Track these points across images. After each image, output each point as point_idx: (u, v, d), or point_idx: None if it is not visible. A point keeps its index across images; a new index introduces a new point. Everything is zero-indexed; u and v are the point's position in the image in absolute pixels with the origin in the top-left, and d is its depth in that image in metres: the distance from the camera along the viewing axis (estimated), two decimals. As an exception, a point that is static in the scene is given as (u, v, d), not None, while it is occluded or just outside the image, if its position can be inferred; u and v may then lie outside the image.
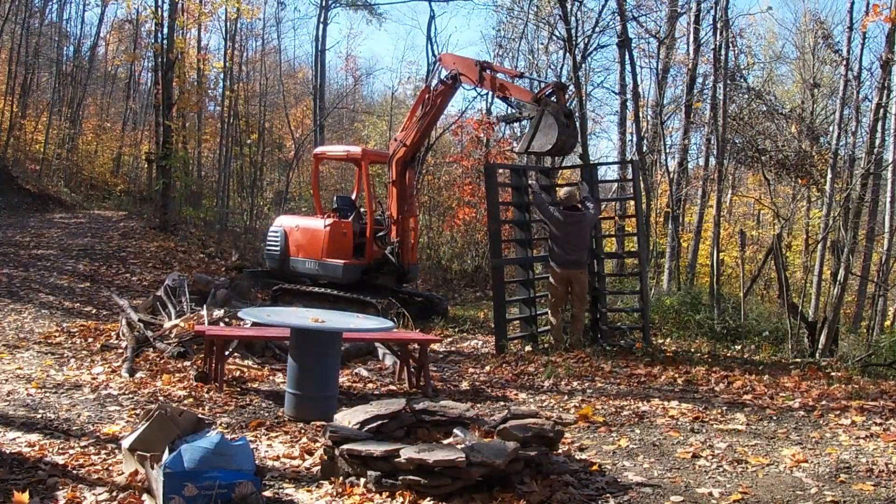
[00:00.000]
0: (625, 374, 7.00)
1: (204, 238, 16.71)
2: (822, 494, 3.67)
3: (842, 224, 10.28)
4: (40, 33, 24.59)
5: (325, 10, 21.95)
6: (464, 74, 8.77)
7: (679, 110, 17.44)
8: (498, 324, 8.17)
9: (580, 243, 7.97)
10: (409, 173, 10.07)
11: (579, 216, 7.97)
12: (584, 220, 8.00)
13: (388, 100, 26.39)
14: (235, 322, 7.18)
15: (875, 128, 11.71)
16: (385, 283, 10.15)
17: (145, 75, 28.19)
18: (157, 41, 17.14)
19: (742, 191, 21.99)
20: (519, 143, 9.35)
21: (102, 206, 21.45)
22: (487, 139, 17.12)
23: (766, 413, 5.51)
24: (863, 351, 8.97)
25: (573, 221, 7.91)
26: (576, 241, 7.92)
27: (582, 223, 7.96)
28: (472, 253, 16.88)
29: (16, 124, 22.68)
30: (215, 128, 22.41)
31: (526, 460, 3.62)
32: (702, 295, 11.50)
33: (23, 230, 14.91)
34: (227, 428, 4.72)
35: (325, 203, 13.41)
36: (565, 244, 7.90)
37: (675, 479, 3.90)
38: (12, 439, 4.23)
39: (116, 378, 5.94)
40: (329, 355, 5.12)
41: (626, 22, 15.48)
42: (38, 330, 7.91)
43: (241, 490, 3.26)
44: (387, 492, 3.45)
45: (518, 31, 18.59)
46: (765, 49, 22.00)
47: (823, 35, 13.84)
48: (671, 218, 15.11)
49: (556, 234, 7.95)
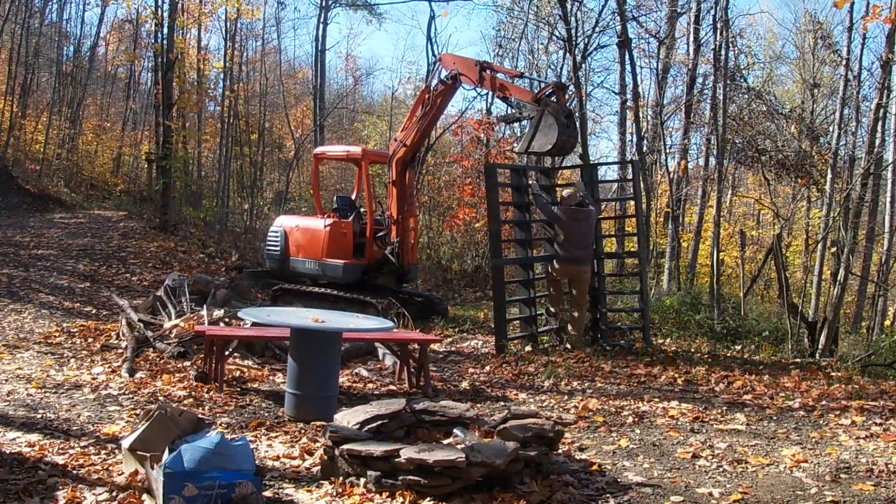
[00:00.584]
0: (625, 374, 7.00)
1: (204, 238, 16.72)
2: (822, 494, 3.66)
3: (842, 224, 10.28)
4: (40, 33, 24.59)
5: (325, 10, 21.94)
6: (464, 74, 8.77)
7: (679, 110, 17.43)
8: (498, 324, 8.17)
9: (585, 240, 8.00)
10: (409, 173, 10.07)
11: (586, 213, 8.02)
12: (590, 216, 8.05)
13: (388, 100, 26.39)
14: (235, 322, 7.18)
15: (875, 128, 11.71)
16: (385, 283, 10.14)
17: (145, 75, 28.25)
18: (157, 41, 17.14)
19: (742, 191, 22.01)
20: (519, 143, 9.34)
21: (102, 206, 21.45)
22: (487, 139, 17.12)
23: (766, 413, 5.51)
24: (863, 351, 8.97)
25: (580, 218, 7.94)
26: (581, 238, 7.95)
27: (589, 220, 8.02)
28: (472, 253, 16.88)
29: (16, 124, 22.67)
30: (215, 128, 22.41)
31: (526, 460, 3.61)
32: (702, 295, 11.49)
33: (23, 230, 14.90)
34: (227, 428, 4.72)
35: (325, 203, 13.41)
36: (571, 241, 7.92)
37: (675, 479, 3.90)
38: (12, 439, 4.23)
39: (116, 378, 5.93)
40: (329, 355, 5.12)
41: (626, 22, 15.47)
42: (38, 330, 7.91)
43: (241, 490, 3.26)
44: (387, 492, 3.45)
45: (518, 31, 18.57)
46: (765, 49, 22.01)
47: (823, 35, 13.84)
48: (671, 218, 15.11)
49: (561, 233, 7.97)
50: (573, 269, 8.01)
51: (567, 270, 8.05)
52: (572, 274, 8.06)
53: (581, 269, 8.02)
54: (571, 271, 8.04)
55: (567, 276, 8.13)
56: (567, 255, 7.96)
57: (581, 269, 8.02)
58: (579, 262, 7.99)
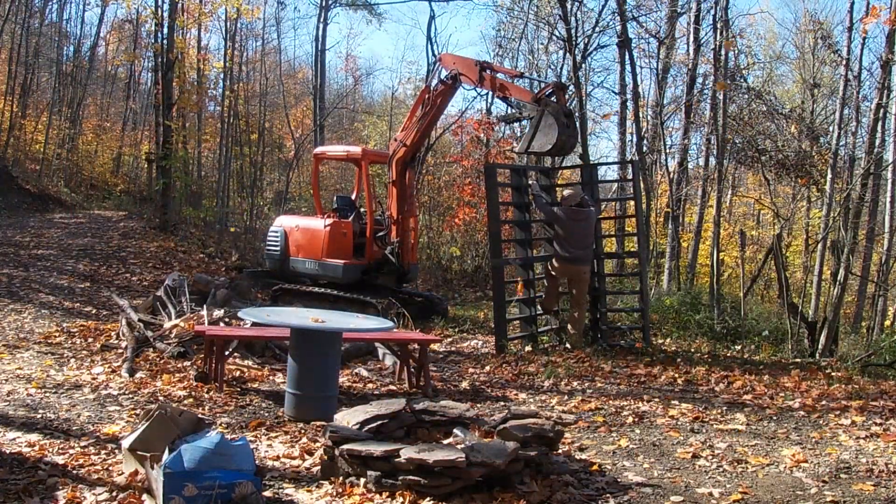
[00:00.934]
0: (625, 374, 7.00)
1: (204, 238, 16.71)
2: (822, 494, 3.66)
3: (842, 224, 10.28)
4: (40, 33, 24.58)
5: (325, 10, 21.94)
6: (464, 74, 8.77)
7: (679, 110, 17.43)
8: (498, 324, 8.17)
9: (585, 240, 8.02)
10: (409, 173, 10.07)
11: (586, 213, 8.05)
12: (590, 216, 8.08)
13: (388, 100, 26.40)
14: (235, 322, 7.18)
15: (875, 128, 11.70)
16: (385, 283, 10.15)
17: (145, 75, 28.23)
18: (157, 41, 17.15)
19: (742, 191, 22.01)
20: (519, 143, 9.35)
21: (102, 206, 21.44)
22: (487, 139, 17.12)
23: (766, 413, 5.51)
24: (863, 351, 8.97)
25: (581, 218, 7.97)
26: (581, 238, 7.97)
27: (589, 220, 8.05)
28: (472, 253, 16.88)
29: (16, 124, 22.66)
30: (215, 128, 22.40)
31: (526, 460, 3.61)
32: (702, 295, 11.49)
33: (23, 230, 14.90)
34: (227, 428, 4.72)
35: (325, 203, 13.41)
36: (571, 241, 7.94)
37: (675, 479, 3.90)
38: (12, 439, 4.23)
39: (116, 378, 5.93)
40: (329, 355, 5.12)
41: (626, 22, 15.46)
42: (38, 330, 7.91)
43: (241, 490, 3.26)
44: (387, 492, 3.45)
45: (518, 31, 18.58)
46: (765, 49, 22.02)
47: (823, 35, 13.84)
48: (671, 218, 15.11)
49: (561, 233, 7.99)
50: (572, 268, 8.03)
51: (566, 270, 8.06)
52: (571, 273, 8.08)
53: (580, 268, 8.04)
54: (571, 271, 8.06)
55: (566, 275, 8.14)
56: (566, 254, 7.97)
57: (580, 268, 8.04)
58: (579, 262, 8.01)
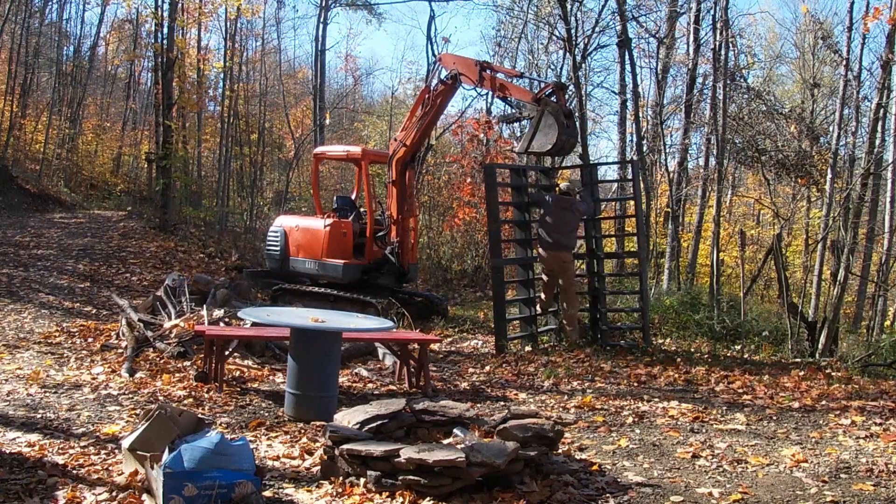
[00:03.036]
0: (625, 374, 7.00)
1: (204, 238, 16.71)
2: (822, 494, 3.66)
3: (842, 224, 10.28)
4: (40, 33, 24.58)
5: (325, 10, 21.91)
6: (464, 74, 8.78)
7: (679, 110, 17.43)
8: (498, 324, 8.17)
9: (567, 227, 8.14)
10: (409, 173, 10.06)
11: (570, 200, 8.23)
12: (574, 205, 8.21)
13: (388, 100, 26.38)
14: (235, 322, 7.18)
15: (875, 128, 11.72)
16: (385, 283, 10.14)
17: (145, 75, 28.23)
18: (157, 41, 17.15)
19: (742, 191, 22.02)
20: (519, 143, 9.35)
21: (102, 206, 21.44)
22: (487, 139, 17.11)
23: (766, 413, 5.51)
24: (863, 351, 8.97)
25: (565, 206, 8.13)
26: (562, 224, 8.10)
27: (572, 208, 8.17)
28: (472, 253, 16.87)
29: (16, 124, 22.65)
30: (215, 128, 22.42)
31: (526, 460, 3.62)
32: (702, 295, 11.48)
33: (23, 230, 14.90)
34: (227, 428, 4.72)
35: (325, 203, 13.41)
36: (553, 227, 8.10)
37: (675, 479, 3.90)
38: (12, 439, 4.23)
39: (116, 378, 5.93)
40: (329, 355, 5.12)
41: (625, 22, 15.46)
42: (38, 330, 7.91)
43: (241, 490, 3.26)
44: (387, 492, 3.45)
45: (518, 31, 18.58)
46: (765, 49, 22.02)
47: (823, 35, 13.83)
48: (671, 218, 15.11)
49: (546, 218, 8.17)
50: (553, 254, 8.12)
51: (550, 257, 8.15)
52: (553, 260, 8.14)
53: (560, 254, 8.12)
54: (552, 257, 8.14)
55: (550, 264, 8.18)
56: (549, 240, 8.11)
57: (560, 254, 8.12)
58: (559, 248, 8.10)
